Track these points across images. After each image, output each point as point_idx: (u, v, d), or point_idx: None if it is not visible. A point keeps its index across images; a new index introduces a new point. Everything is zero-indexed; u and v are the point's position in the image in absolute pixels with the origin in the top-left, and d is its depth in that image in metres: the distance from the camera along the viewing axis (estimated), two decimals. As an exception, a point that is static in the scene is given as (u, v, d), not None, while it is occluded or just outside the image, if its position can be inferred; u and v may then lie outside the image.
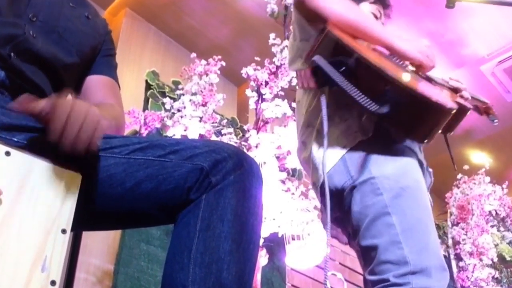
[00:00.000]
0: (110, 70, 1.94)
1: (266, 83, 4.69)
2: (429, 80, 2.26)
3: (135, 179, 1.40)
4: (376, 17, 2.49)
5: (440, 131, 2.08)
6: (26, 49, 1.55)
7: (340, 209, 2.16)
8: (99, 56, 1.91)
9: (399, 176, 2.05)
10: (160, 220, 1.49)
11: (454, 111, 1.98)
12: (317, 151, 2.21)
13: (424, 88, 1.97)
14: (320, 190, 2.20)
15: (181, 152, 1.41)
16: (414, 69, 2.20)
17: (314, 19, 2.14)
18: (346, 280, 5.37)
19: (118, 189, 1.40)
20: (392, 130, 2.06)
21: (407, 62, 2.17)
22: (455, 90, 2.36)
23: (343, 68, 1.94)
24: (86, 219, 1.42)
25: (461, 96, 2.32)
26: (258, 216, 1.40)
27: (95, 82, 1.86)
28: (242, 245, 1.34)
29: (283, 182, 4.53)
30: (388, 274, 1.93)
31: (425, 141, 2.08)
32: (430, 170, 2.32)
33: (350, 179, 2.08)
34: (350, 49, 1.97)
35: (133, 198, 1.41)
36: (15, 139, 1.34)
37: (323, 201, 2.22)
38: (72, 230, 1.26)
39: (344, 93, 1.95)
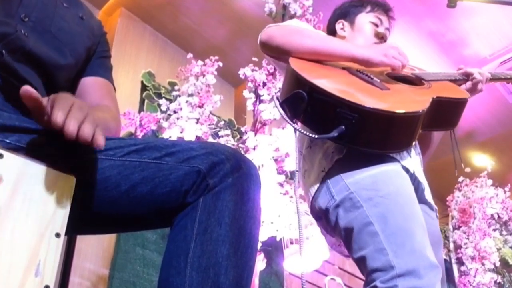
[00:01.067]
0: (106, 71, 1.94)
1: (264, 84, 4.70)
2: (412, 82, 2.34)
3: (131, 181, 1.39)
4: (376, 25, 2.58)
5: (421, 131, 2.16)
6: (18, 47, 1.54)
7: (330, 228, 2.26)
8: (94, 57, 1.90)
9: (377, 184, 2.09)
10: (156, 223, 1.49)
11: (421, 113, 2.07)
12: (304, 179, 2.38)
13: (372, 100, 2.04)
14: (312, 214, 2.38)
15: (177, 154, 1.41)
16: (385, 74, 2.31)
17: (281, 55, 2.29)
18: (345, 285, 5.37)
19: (113, 192, 1.40)
20: (364, 150, 2.10)
21: (378, 69, 2.28)
22: (467, 76, 2.49)
23: (301, 100, 2.04)
24: (80, 222, 1.41)
25: (473, 79, 2.47)
26: (256, 220, 1.40)
27: (90, 83, 1.86)
28: (240, 249, 1.33)
29: (281, 185, 4.53)
30: (376, 282, 1.95)
31: (408, 147, 2.20)
32: (418, 179, 2.34)
33: (332, 199, 2.16)
34: (301, 79, 2.07)
35: (129, 201, 1.40)
36: (8, 141, 1.33)
37: (320, 225, 2.38)
38: (66, 234, 1.26)
39: None
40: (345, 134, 1.97)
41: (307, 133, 2.03)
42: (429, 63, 6.10)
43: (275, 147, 4.46)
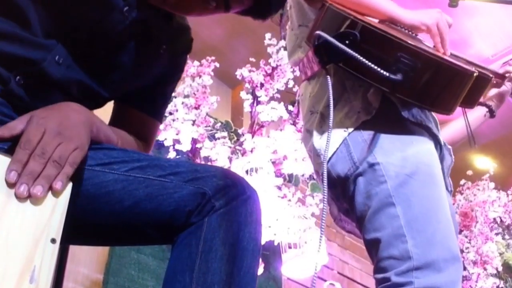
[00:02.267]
0: (159, 108, 1.89)
1: (262, 85, 4.71)
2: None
3: (135, 198, 1.39)
4: None
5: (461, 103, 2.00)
6: (40, 76, 1.48)
7: (346, 199, 2.10)
8: (152, 89, 1.83)
9: (406, 160, 1.96)
10: (156, 239, 1.49)
11: (475, 75, 1.93)
12: (318, 138, 2.14)
13: (439, 53, 1.94)
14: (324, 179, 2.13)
15: (181, 174, 1.42)
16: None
17: None
18: (344, 290, 5.38)
19: (116, 206, 1.40)
20: (412, 102, 1.97)
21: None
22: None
23: (348, 41, 1.86)
24: (79, 233, 1.42)
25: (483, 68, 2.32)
26: (258, 242, 1.42)
27: (134, 119, 1.82)
28: (243, 270, 1.36)
29: (279, 188, 4.54)
30: (390, 273, 1.86)
31: (450, 112, 2.00)
32: (449, 147, 2.25)
33: (353, 166, 2.01)
34: (353, 20, 1.90)
35: (131, 217, 1.41)
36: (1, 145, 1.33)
37: (329, 192, 2.13)
38: (63, 243, 1.26)
39: (349, 74, 1.95)
40: (402, 82, 1.82)
41: (376, 67, 1.82)
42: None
43: (273, 150, 4.48)
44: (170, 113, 4.62)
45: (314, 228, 4.57)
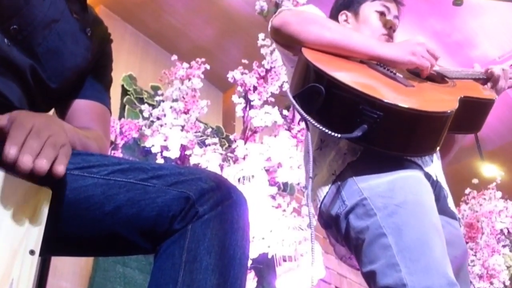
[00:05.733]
0: (101, 93, 1.94)
1: (255, 88, 4.71)
2: (434, 79, 2.32)
3: (115, 202, 1.39)
4: (383, 14, 2.54)
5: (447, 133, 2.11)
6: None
7: (341, 237, 2.20)
8: (90, 76, 1.90)
9: (393, 191, 2.06)
10: (139, 248, 1.49)
11: (447, 115, 2.04)
12: (312, 183, 2.27)
13: (399, 97, 2.02)
14: (320, 222, 2.29)
15: (165, 177, 1.42)
16: (405, 69, 2.26)
17: (292, 44, 2.25)
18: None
19: (96, 212, 1.40)
20: (385, 152, 2.07)
21: (399, 70, 2.23)
22: (488, 76, 2.52)
23: (317, 93, 1.99)
24: (58, 243, 1.42)
25: (494, 81, 2.50)
26: (245, 250, 1.42)
27: (81, 107, 1.86)
28: (229, 280, 1.35)
29: (273, 197, 4.54)
30: None
31: (432, 152, 2.16)
32: (441, 185, 2.32)
33: (343, 205, 2.12)
34: (318, 73, 2.03)
35: (112, 224, 1.41)
36: None
37: (329, 234, 2.31)
38: (43, 254, 1.26)
39: None
40: (368, 133, 1.93)
41: (329, 131, 1.96)
42: (433, 66, 6.12)
43: (267, 157, 4.47)
44: (158, 118, 4.63)
45: (309, 240, 4.56)
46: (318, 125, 1.96)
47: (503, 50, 6.17)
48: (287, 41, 2.28)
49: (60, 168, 1.26)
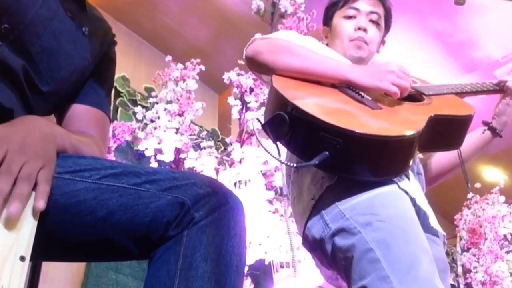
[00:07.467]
0: (99, 98, 1.92)
1: (251, 90, 4.71)
2: (411, 97, 2.33)
3: (108, 208, 1.39)
4: (352, 17, 2.55)
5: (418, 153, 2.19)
6: None
7: (327, 259, 2.22)
8: (90, 79, 1.88)
9: (375, 208, 2.09)
10: (133, 254, 1.48)
11: (409, 137, 2.08)
12: (294, 207, 2.38)
13: (360, 122, 2.06)
14: (305, 246, 2.33)
15: (159, 182, 1.41)
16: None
17: (266, 73, 2.33)
18: (341, 313, 5.37)
19: (88, 218, 1.39)
20: (354, 178, 2.12)
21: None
22: (501, 88, 2.54)
23: (283, 120, 2.04)
24: (49, 248, 1.41)
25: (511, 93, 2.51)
26: (242, 256, 1.41)
27: (80, 112, 1.85)
28: (226, 287, 1.35)
29: (270, 202, 4.54)
30: None
31: (402, 173, 2.18)
32: (419, 205, 2.32)
33: (327, 228, 2.15)
34: (283, 101, 2.08)
35: (104, 229, 1.40)
36: None
37: (314, 256, 2.34)
38: (32, 259, 1.25)
39: None
40: (330, 160, 1.97)
41: (286, 162, 2.08)
42: (435, 66, 6.13)
43: (264, 160, 4.47)
44: (152, 121, 4.62)
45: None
46: (279, 159, 2.08)
47: (507, 51, 6.17)
48: (260, 70, 2.37)
49: (40, 204, 1.25)
